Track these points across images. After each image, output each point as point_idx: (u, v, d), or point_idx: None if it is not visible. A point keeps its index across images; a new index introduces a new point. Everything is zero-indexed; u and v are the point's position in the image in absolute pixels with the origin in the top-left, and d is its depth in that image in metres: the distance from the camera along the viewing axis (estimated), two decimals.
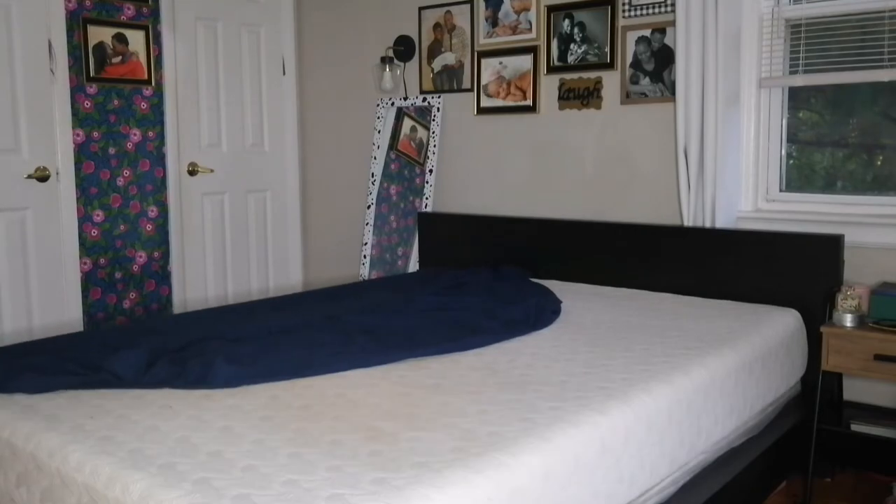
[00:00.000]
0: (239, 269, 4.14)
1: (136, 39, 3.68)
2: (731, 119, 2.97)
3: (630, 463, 1.77)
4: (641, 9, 3.21)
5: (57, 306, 3.46)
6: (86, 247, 3.59)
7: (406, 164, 4.02)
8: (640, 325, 2.55)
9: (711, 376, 2.14)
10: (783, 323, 2.66)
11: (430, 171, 3.84)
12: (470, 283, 3.06)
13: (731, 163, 2.99)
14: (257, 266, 4.22)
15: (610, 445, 1.71)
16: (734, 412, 2.24)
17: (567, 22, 3.43)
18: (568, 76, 3.45)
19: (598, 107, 3.38)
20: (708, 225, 3.02)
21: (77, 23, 3.49)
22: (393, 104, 4.02)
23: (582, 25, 3.38)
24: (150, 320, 3.38)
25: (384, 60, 3.94)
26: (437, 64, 3.87)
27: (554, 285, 3.21)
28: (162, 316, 3.68)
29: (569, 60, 3.44)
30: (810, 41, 2.96)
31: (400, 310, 2.67)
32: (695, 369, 2.11)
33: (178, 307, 3.90)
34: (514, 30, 3.59)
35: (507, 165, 3.68)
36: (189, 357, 2.09)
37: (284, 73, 4.27)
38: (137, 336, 2.35)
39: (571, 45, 3.42)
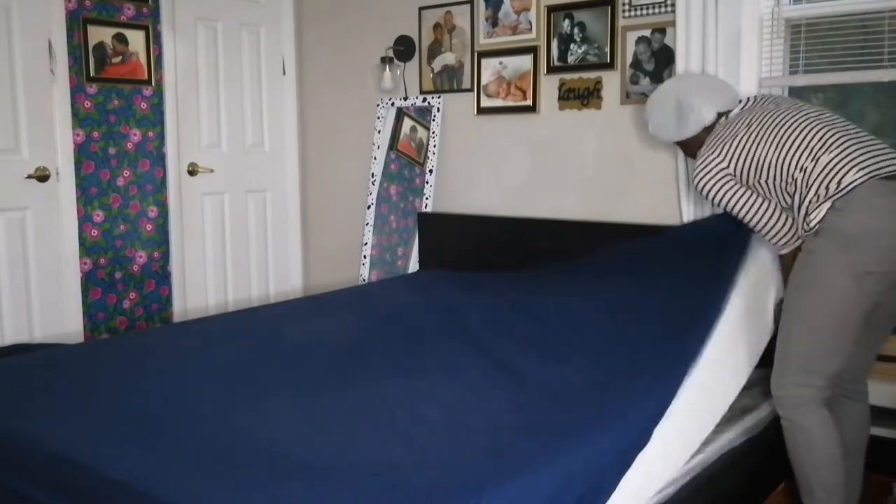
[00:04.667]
0: (239, 269, 4.14)
1: (136, 39, 3.69)
2: None
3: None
4: (641, 9, 3.21)
5: (57, 307, 3.47)
6: (86, 247, 3.59)
7: (406, 164, 4.02)
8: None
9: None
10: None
11: (430, 171, 3.84)
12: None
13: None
14: (257, 266, 4.22)
15: None
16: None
17: (567, 22, 3.43)
18: (568, 76, 3.45)
19: (598, 107, 3.37)
20: None
21: (77, 23, 3.50)
22: (393, 104, 4.02)
23: (582, 25, 3.38)
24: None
25: (384, 60, 3.94)
26: (437, 64, 3.87)
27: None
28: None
29: (569, 60, 3.44)
30: (811, 41, 2.96)
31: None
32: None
33: (177, 307, 3.90)
34: (515, 30, 3.59)
35: (507, 165, 3.68)
36: None
37: (284, 73, 4.27)
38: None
39: (571, 46, 3.42)
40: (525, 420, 1.71)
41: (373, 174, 4.07)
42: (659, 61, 3.19)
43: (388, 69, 3.92)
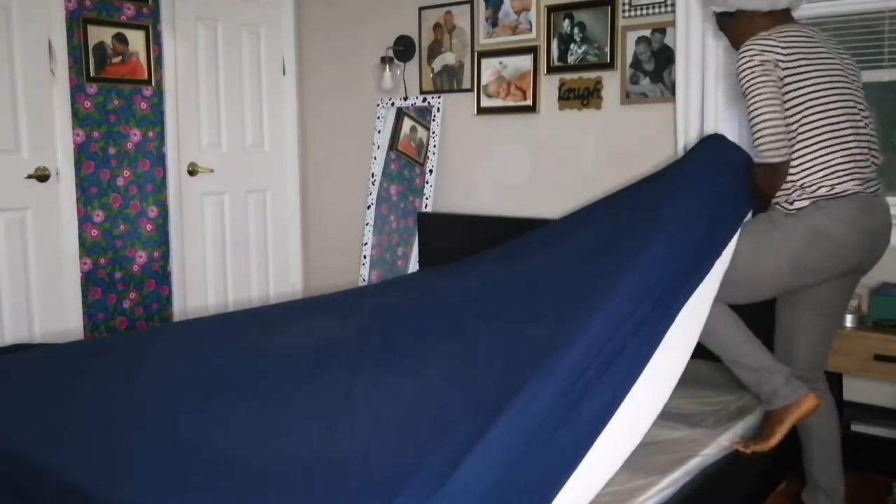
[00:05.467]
0: (239, 270, 4.14)
1: (136, 39, 3.69)
2: (731, 119, 2.97)
3: None
4: (641, 9, 3.21)
5: (57, 306, 3.47)
6: (86, 247, 3.59)
7: (406, 164, 4.02)
8: None
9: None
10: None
11: (430, 171, 3.84)
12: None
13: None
14: (257, 266, 4.22)
15: None
16: None
17: (567, 22, 3.43)
18: (568, 76, 3.45)
19: (598, 107, 3.37)
20: None
21: (77, 23, 3.50)
22: (393, 104, 4.02)
23: (582, 25, 3.38)
24: None
25: (384, 60, 3.94)
26: (437, 64, 3.87)
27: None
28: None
29: (569, 60, 3.44)
30: None
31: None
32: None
33: (177, 307, 3.90)
34: (514, 30, 3.59)
35: (506, 165, 3.68)
36: None
37: (284, 73, 4.27)
38: None
39: (571, 46, 3.42)
40: (470, 416, 1.63)
41: (373, 174, 4.07)
42: (659, 61, 3.19)
43: (388, 69, 3.92)
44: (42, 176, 3.40)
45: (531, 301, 2.19)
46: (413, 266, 3.91)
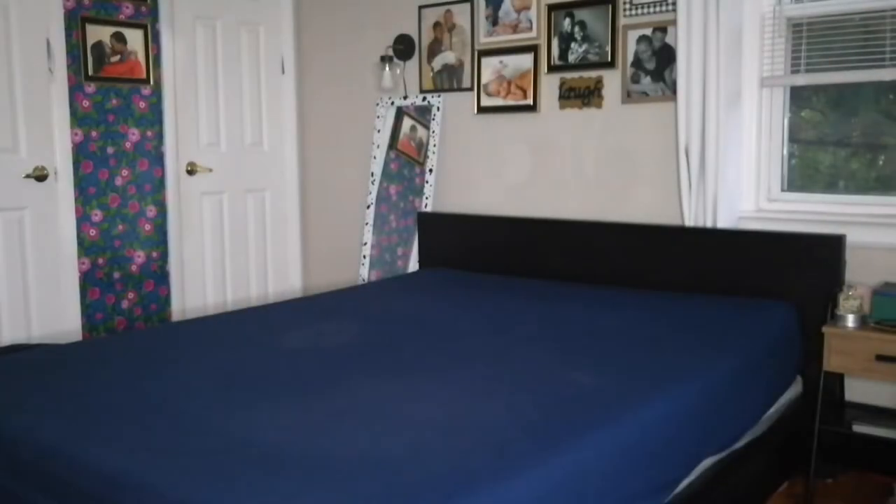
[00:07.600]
0: (238, 269, 4.13)
1: (134, 38, 3.67)
2: (732, 118, 2.96)
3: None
4: (642, 7, 3.20)
5: (55, 306, 3.45)
6: (84, 247, 3.58)
7: (406, 164, 4.00)
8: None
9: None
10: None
11: (430, 170, 3.83)
12: None
13: (732, 162, 2.98)
14: (256, 266, 4.21)
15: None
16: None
17: (568, 21, 3.42)
18: (569, 75, 3.44)
19: (599, 106, 3.36)
20: (709, 225, 3.00)
21: (75, 22, 3.48)
22: (393, 103, 4.01)
23: (583, 24, 3.37)
24: None
25: (384, 59, 3.93)
26: (437, 63, 3.86)
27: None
28: None
29: (569, 59, 3.43)
30: (812, 40, 2.95)
31: None
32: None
33: (176, 307, 3.89)
34: (515, 29, 3.58)
35: (507, 165, 3.67)
36: None
37: (283, 72, 4.26)
38: None
39: (572, 44, 3.41)
40: (524, 421, 1.71)
41: (372, 174, 4.06)
42: (660, 60, 3.18)
43: (387, 68, 3.91)
44: (40, 176, 3.39)
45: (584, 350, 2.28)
46: (413, 266, 3.90)
